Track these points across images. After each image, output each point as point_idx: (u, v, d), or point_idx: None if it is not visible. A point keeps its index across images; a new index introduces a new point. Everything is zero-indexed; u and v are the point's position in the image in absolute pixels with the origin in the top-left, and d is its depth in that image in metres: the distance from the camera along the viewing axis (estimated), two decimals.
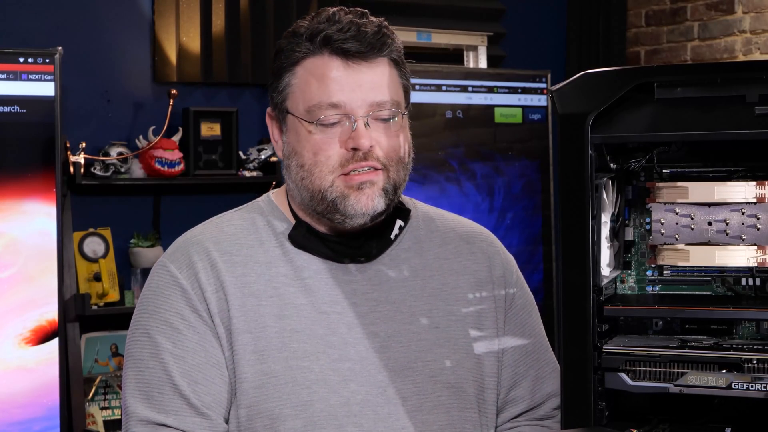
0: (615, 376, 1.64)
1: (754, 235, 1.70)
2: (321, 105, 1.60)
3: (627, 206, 1.82)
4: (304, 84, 1.62)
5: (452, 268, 1.74)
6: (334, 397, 1.58)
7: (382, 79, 1.62)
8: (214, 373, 1.59)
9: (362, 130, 1.59)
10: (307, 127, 1.61)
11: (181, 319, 1.60)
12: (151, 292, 1.65)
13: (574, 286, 1.60)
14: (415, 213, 1.77)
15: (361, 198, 1.60)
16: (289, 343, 1.60)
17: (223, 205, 1.81)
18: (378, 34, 1.62)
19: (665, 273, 1.80)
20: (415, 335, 1.66)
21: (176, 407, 1.57)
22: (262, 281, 1.63)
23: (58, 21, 4.00)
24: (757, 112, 1.57)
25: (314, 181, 1.61)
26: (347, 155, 1.60)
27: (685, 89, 1.62)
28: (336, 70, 1.61)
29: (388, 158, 1.62)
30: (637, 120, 1.63)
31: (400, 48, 1.68)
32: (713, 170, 1.77)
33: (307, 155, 1.62)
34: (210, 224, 1.71)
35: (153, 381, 1.59)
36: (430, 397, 1.64)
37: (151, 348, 1.60)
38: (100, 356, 3.97)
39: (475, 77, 4.38)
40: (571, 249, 1.61)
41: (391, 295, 1.67)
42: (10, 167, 3.29)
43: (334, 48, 1.61)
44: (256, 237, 1.67)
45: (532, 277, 4.43)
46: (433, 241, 1.75)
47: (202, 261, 1.63)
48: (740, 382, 1.58)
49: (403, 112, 1.65)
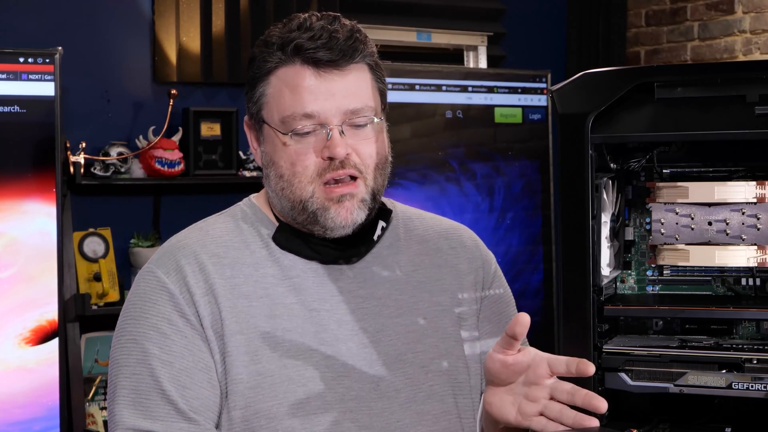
0: (615, 376, 1.64)
1: (754, 235, 1.70)
2: (295, 115, 1.60)
3: (627, 206, 1.82)
4: (277, 94, 1.62)
5: (433, 262, 1.75)
6: (329, 394, 1.59)
7: (356, 86, 1.62)
8: (203, 377, 1.58)
9: (337, 139, 1.59)
10: (282, 138, 1.62)
11: (168, 324, 1.59)
12: (138, 298, 1.63)
13: (574, 286, 1.61)
14: (395, 213, 1.78)
15: (341, 211, 1.61)
16: (282, 342, 1.60)
17: (223, 205, 1.81)
18: (350, 39, 1.62)
19: (665, 273, 1.81)
20: (404, 328, 1.67)
21: (164, 413, 1.56)
22: (251, 282, 1.63)
23: (58, 21, 4.00)
24: (757, 112, 1.57)
25: (294, 192, 1.62)
26: (324, 164, 1.60)
27: (685, 89, 1.62)
28: (308, 79, 1.60)
29: (366, 165, 1.63)
30: (637, 120, 1.63)
31: (374, 51, 1.67)
32: (713, 170, 1.77)
33: (284, 165, 1.62)
34: (194, 229, 1.71)
35: (140, 387, 1.58)
36: (423, 387, 1.65)
37: (138, 354, 1.59)
38: (100, 356, 3.97)
39: (475, 77, 4.38)
40: (571, 249, 1.61)
41: (377, 291, 1.68)
42: (10, 167, 3.29)
43: (305, 57, 1.60)
44: (242, 239, 1.68)
45: (532, 277, 4.43)
46: (413, 238, 1.77)
47: (191, 264, 1.63)
48: (740, 382, 1.58)
49: (379, 117, 1.65)
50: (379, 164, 1.65)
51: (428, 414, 1.65)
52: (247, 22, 4.30)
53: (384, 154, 1.67)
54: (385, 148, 1.67)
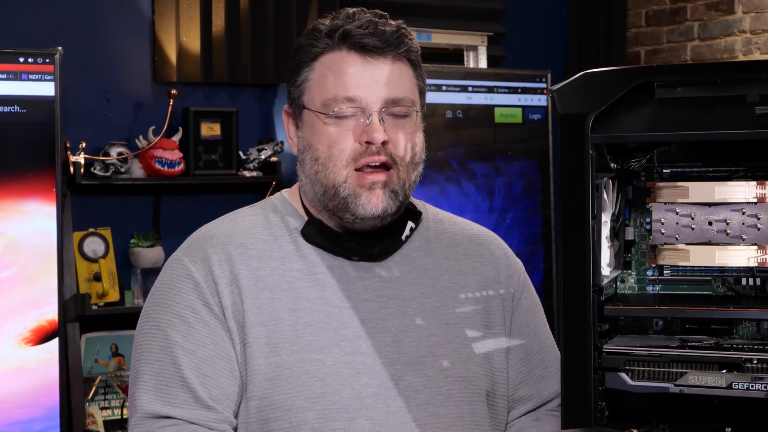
0: (615, 376, 1.64)
1: (755, 234, 1.70)
2: (337, 98, 1.63)
3: (627, 206, 1.82)
4: (321, 78, 1.65)
5: (461, 268, 1.76)
6: (346, 390, 1.60)
7: (398, 77, 1.65)
8: (223, 366, 1.60)
9: (376, 125, 1.62)
10: (323, 119, 1.63)
11: (192, 312, 1.62)
12: (164, 285, 1.66)
13: (574, 286, 1.60)
14: (426, 215, 1.79)
15: (372, 198, 1.62)
16: (303, 336, 1.61)
17: (223, 205, 1.82)
18: (396, 33, 1.66)
19: (665, 273, 1.81)
20: (426, 331, 1.68)
21: (183, 400, 1.58)
22: (276, 275, 1.65)
23: (58, 21, 4.00)
24: (758, 112, 1.57)
25: (328, 175, 1.63)
26: (360, 149, 1.62)
27: (686, 89, 1.62)
28: (353, 64, 1.63)
29: (400, 156, 1.64)
30: (637, 120, 1.63)
31: (418, 50, 1.71)
32: (713, 170, 1.77)
33: (321, 148, 1.64)
34: (224, 220, 1.73)
35: (162, 374, 1.60)
36: (441, 390, 1.66)
37: (162, 341, 1.62)
38: (100, 356, 3.97)
39: (475, 77, 4.38)
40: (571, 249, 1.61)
41: (402, 293, 1.69)
42: (10, 167, 3.29)
43: (352, 43, 1.63)
44: (270, 232, 1.69)
45: (532, 278, 4.40)
46: (442, 242, 1.77)
47: (217, 254, 1.65)
48: (740, 382, 1.58)
49: (417, 110, 1.67)
50: (414, 159, 1.67)
51: (444, 417, 1.65)
52: (247, 22, 4.30)
53: (419, 150, 1.68)
54: (420, 144, 1.69)
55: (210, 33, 4.24)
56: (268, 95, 4.43)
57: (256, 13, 4.32)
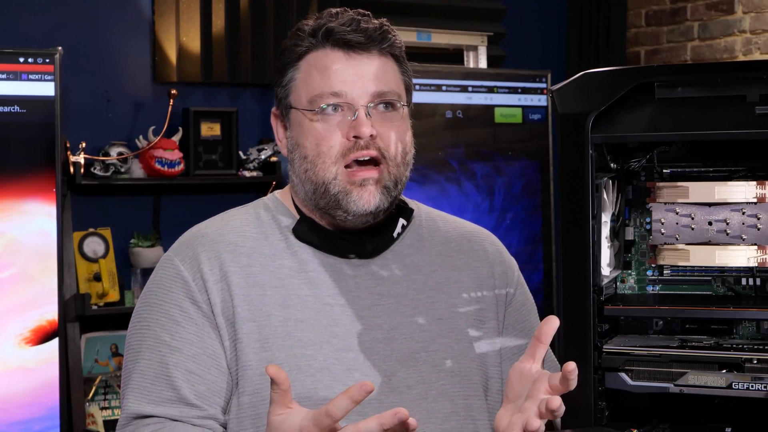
0: (615, 376, 1.64)
1: (755, 234, 1.70)
2: (323, 95, 1.63)
3: (627, 206, 1.82)
4: (306, 77, 1.66)
5: (454, 264, 1.75)
6: (338, 386, 1.59)
7: (384, 71, 1.66)
8: (210, 363, 1.61)
9: (363, 119, 1.62)
10: (309, 117, 1.64)
11: (180, 311, 1.62)
12: (155, 285, 1.67)
13: (574, 286, 1.61)
14: (418, 212, 1.79)
15: (363, 194, 1.62)
16: (294, 332, 1.62)
17: (223, 205, 1.81)
18: (379, 29, 1.67)
19: (665, 273, 1.81)
20: (418, 327, 1.68)
21: (166, 398, 1.59)
22: (267, 272, 1.65)
23: (58, 21, 4.00)
24: (758, 112, 1.57)
25: (318, 173, 1.63)
26: (348, 144, 1.62)
27: (686, 89, 1.62)
28: (338, 61, 1.64)
29: (389, 150, 1.64)
30: (637, 120, 1.63)
31: (402, 46, 1.71)
32: (713, 170, 1.77)
33: (309, 146, 1.64)
34: (215, 220, 1.74)
35: (148, 372, 1.61)
36: (434, 386, 1.65)
37: (151, 340, 1.63)
38: (100, 356, 3.97)
39: (475, 77, 4.38)
40: (571, 249, 1.61)
41: (394, 290, 1.69)
42: (10, 167, 3.29)
43: (336, 40, 1.64)
44: (261, 230, 1.69)
45: (532, 277, 4.43)
46: (435, 239, 1.77)
47: (206, 252, 1.65)
48: (740, 382, 1.58)
49: (404, 104, 1.67)
50: (403, 153, 1.67)
51: (438, 412, 1.65)
52: (247, 22, 4.30)
53: (407, 145, 1.69)
54: (408, 138, 1.69)
55: (210, 33, 4.24)
56: (268, 95, 4.43)
57: (256, 13, 4.32)
